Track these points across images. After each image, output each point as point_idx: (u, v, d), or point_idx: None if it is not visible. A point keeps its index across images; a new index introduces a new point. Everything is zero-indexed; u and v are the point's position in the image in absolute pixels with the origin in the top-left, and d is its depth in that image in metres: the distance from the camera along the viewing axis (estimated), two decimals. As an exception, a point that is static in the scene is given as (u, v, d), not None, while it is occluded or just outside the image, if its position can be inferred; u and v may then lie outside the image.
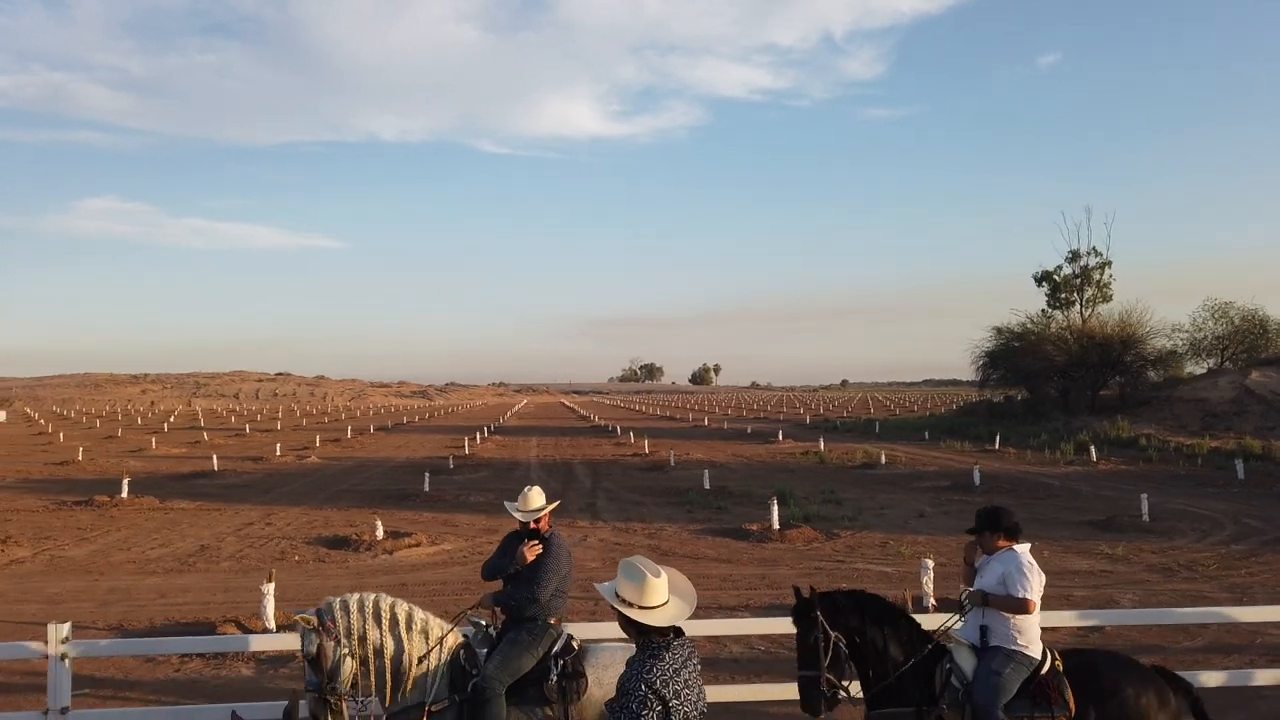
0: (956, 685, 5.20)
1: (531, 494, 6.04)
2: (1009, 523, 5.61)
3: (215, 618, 11.19)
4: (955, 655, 5.34)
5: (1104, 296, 49.58)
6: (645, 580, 3.59)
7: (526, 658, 5.48)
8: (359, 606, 5.33)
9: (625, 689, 3.49)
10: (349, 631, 5.24)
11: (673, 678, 3.47)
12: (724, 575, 13.88)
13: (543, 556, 5.78)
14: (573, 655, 5.60)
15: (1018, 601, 5.28)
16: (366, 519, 20.07)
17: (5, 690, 8.70)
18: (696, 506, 21.72)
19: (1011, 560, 5.43)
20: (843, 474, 29.60)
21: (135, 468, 34.11)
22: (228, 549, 16.64)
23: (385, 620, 5.33)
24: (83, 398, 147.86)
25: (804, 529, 17.41)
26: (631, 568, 3.67)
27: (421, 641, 5.41)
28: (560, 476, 29.58)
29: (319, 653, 5.16)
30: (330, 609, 5.31)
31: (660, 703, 3.41)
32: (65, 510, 21.94)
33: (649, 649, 3.57)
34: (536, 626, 5.57)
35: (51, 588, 13.48)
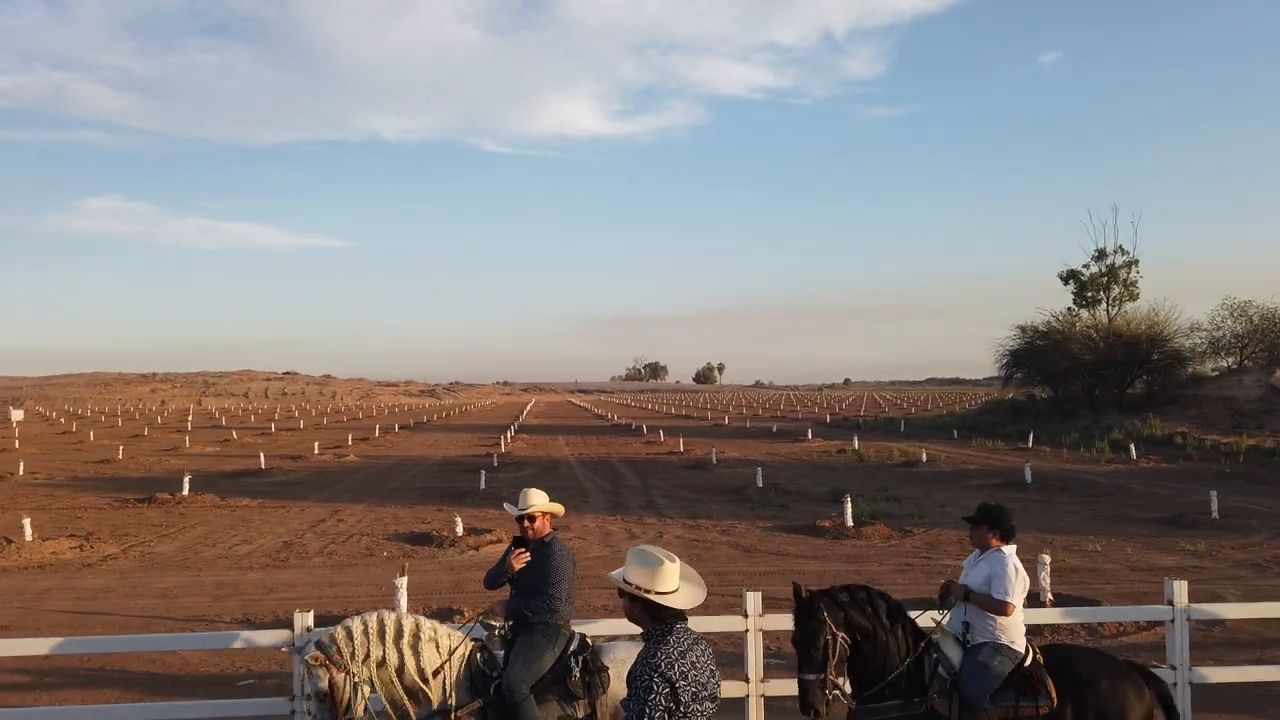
0: (944, 675, 5.27)
1: (531, 493, 5.95)
2: (1007, 524, 5.67)
3: (347, 610, 11.38)
4: (942, 645, 5.40)
5: (1130, 295, 49.73)
6: (660, 566, 3.64)
7: (547, 657, 5.51)
8: (363, 629, 5.19)
9: (633, 676, 3.56)
10: (354, 656, 5.09)
11: (678, 660, 3.51)
12: (817, 571, 14.04)
13: (548, 563, 5.70)
14: (590, 651, 5.66)
15: (998, 603, 5.37)
16: (434, 515, 20.31)
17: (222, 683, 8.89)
18: (757, 504, 21.90)
19: (999, 562, 5.50)
20: (886, 472, 29.76)
21: (177, 466, 34.30)
22: (312, 545, 16.83)
23: (390, 635, 5.21)
24: (93, 397, 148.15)
25: (877, 526, 17.58)
26: (644, 554, 3.72)
27: (433, 651, 5.32)
28: (605, 475, 29.76)
29: (330, 687, 4.99)
30: (334, 639, 5.14)
31: (667, 684, 3.46)
32: (131, 508, 22.14)
33: (654, 637, 3.63)
34: (549, 628, 5.59)
35: (157, 583, 13.68)
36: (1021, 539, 16.31)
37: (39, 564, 15.19)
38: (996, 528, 5.64)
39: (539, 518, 5.83)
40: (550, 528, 5.92)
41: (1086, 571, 13.71)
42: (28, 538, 16.42)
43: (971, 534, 5.76)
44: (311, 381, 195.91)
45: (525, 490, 5.99)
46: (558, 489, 25.36)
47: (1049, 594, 11.07)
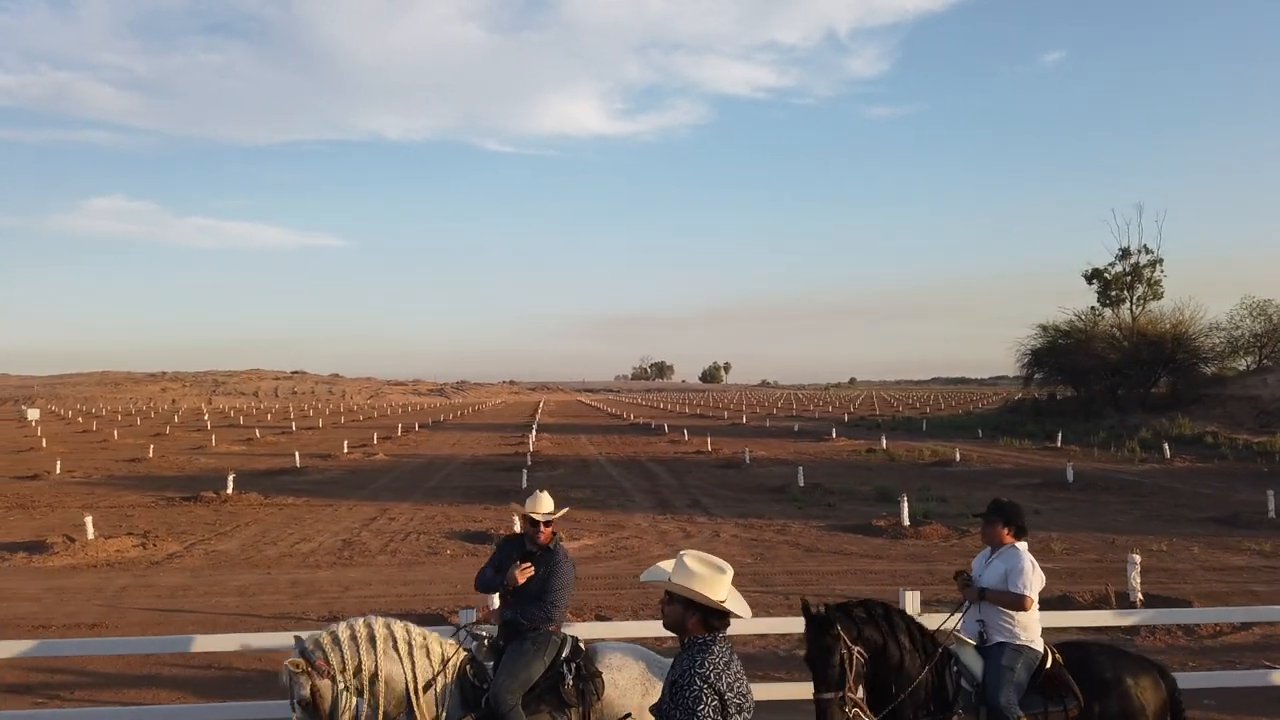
0: (968, 688, 5.14)
1: (542, 498, 5.78)
2: (1020, 520, 5.61)
3: (432, 609, 11.43)
4: (961, 656, 5.27)
5: (1155, 294, 49.71)
6: (723, 575, 3.61)
7: (535, 665, 5.37)
8: (350, 635, 4.98)
9: (679, 685, 3.47)
10: (343, 665, 4.88)
11: (724, 670, 3.49)
12: (887, 570, 14.07)
13: (554, 572, 5.57)
14: (583, 657, 5.51)
15: (1016, 597, 5.28)
16: (484, 514, 20.34)
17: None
18: (804, 504, 21.91)
19: (1014, 558, 5.44)
20: (921, 471, 29.74)
21: (209, 465, 34.41)
22: (372, 544, 16.87)
23: (381, 643, 5.00)
24: (104, 396, 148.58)
25: (934, 525, 17.59)
26: (704, 560, 3.68)
27: (424, 660, 5.14)
28: (640, 474, 29.78)
29: (314, 695, 4.81)
30: (319, 644, 4.93)
31: (716, 695, 3.42)
32: (178, 506, 22.19)
33: (694, 646, 3.57)
34: (539, 635, 5.45)
35: (231, 581, 13.72)
36: (1083, 539, 16.53)
37: (106, 562, 15.25)
38: (1011, 524, 5.57)
39: (543, 524, 5.69)
40: (553, 533, 5.78)
41: (1160, 571, 13.68)
42: (90, 536, 16.47)
43: (984, 530, 5.68)
44: (320, 381, 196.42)
45: (536, 494, 5.80)
46: (595, 488, 25.43)
47: (1139, 594, 11.05)
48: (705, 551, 3.73)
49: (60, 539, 16.51)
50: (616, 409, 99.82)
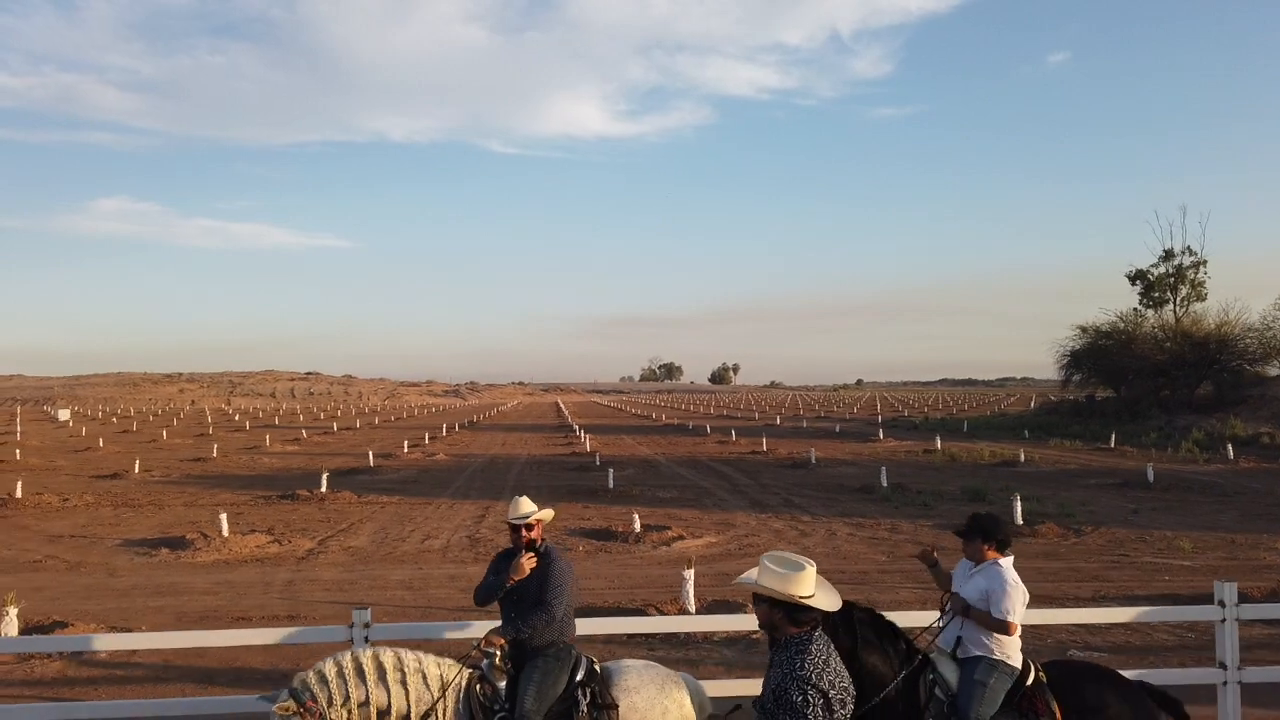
0: (941, 697, 5.02)
1: (521, 501, 5.67)
2: (1002, 534, 5.39)
3: (605, 600, 11.72)
4: (938, 665, 5.15)
5: (1198, 295, 49.87)
6: (801, 571, 3.66)
7: (561, 680, 5.20)
8: (336, 671, 4.83)
9: (782, 689, 3.50)
10: (332, 701, 4.75)
11: (824, 669, 3.53)
12: (1033, 569, 14.29)
13: (548, 574, 5.37)
14: (598, 681, 5.32)
15: (998, 622, 5.14)
16: (593, 512, 20.62)
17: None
18: (898, 503, 22.14)
19: (996, 577, 5.24)
20: (989, 471, 29.93)
21: (274, 464, 34.79)
22: (500, 540, 17.15)
23: (371, 673, 4.86)
24: (123, 396, 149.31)
25: (1048, 525, 17.81)
26: (781, 559, 3.74)
27: (420, 684, 4.95)
28: (710, 474, 30.03)
29: None
30: (306, 685, 4.79)
31: (820, 695, 3.46)
32: (278, 504, 22.52)
33: (790, 646, 3.60)
34: (559, 649, 5.26)
35: (389, 575, 14.03)
36: (1203, 539, 16.75)
37: (252, 557, 15.57)
38: (991, 539, 5.35)
39: (535, 526, 5.56)
40: (542, 537, 5.61)
41: (1299, 568, 13.93)
42: (224, 532, 16.79)
43: (965, 547, 5.46)
44: (335, 382, 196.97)
45: (516, 499, 5.70)
46: (678, 488, 25.69)
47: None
48: (829, 551, 3.96)
49: (196, 535, 16.84)
50: (638, 410, 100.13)
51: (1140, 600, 11.91)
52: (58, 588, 13.24)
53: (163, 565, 15.03)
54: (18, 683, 8.87)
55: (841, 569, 13.97)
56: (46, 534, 18.27)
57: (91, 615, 11.42)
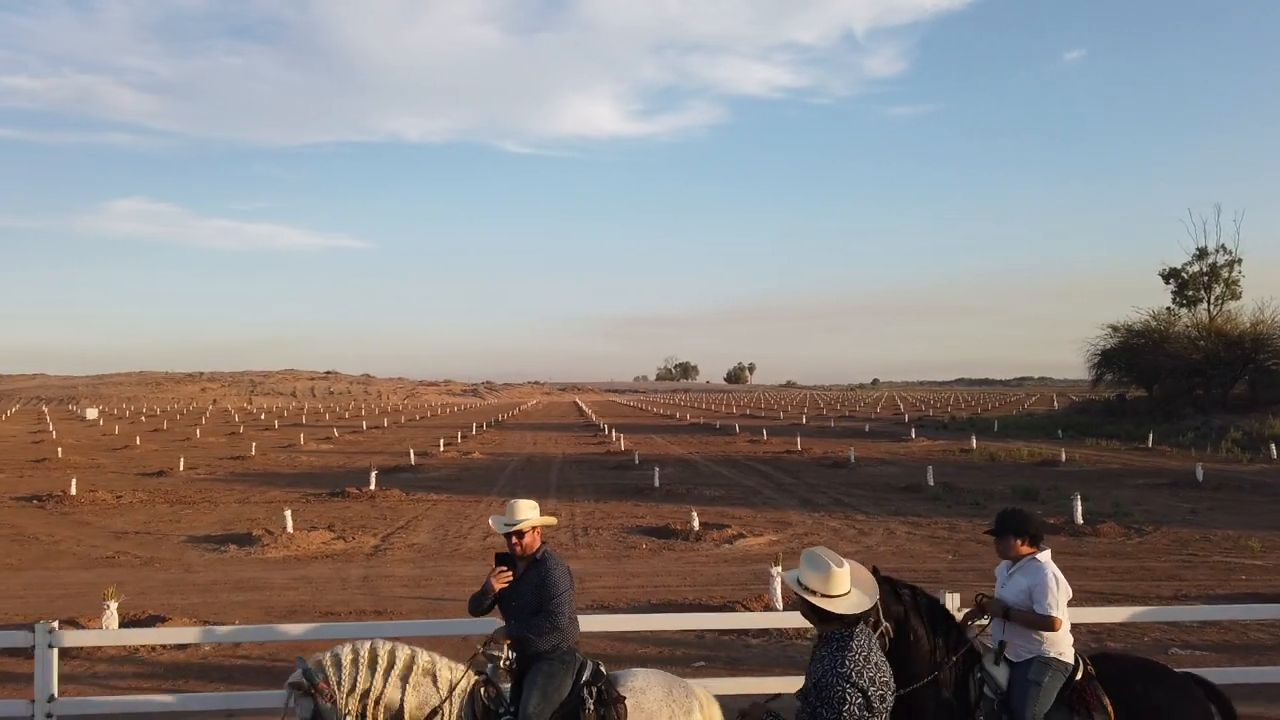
0: (990, 696, 4.95)
1: (518, 505, 5.39)
2: (1033, 529, 5.28)
3: (699, 598, 11.77)
4: (985, 662, 5.08)
5: (1233, 294, 49.53)
6: (830, 570, 3.69)
7: (565, 684, 5.12)
8: (353, 658, 4.87)
9: (824, 684, 3.54)
10: (343, 687, 4.78)
11: (865, 665, 3.56)
12: (1109, 568, 14.26)
13: (546, 580, 5.21)
14: (604, 681, 5.22)
15: (1043, 619, 5.04)
16: (644, 511, 20.67)
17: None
18: (949, 502, 22.09)
19: (1037, 572, 5.15)
20: (1031, 471, 29.77)
21: (313, 463, 35.03)
22: (559, 537, 17.24)
23: (382, 666, 4.88)
24: (147, 396, 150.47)
25: (1108, 524, 17.74)
26: (816, 558, 3.76)
27: (429, 685, 4.97)
28: (751, 474, 30.04)
29: (314, 716, 4.74)
30: (321, 665, 4.84)
31: (859, 693, 3.50)
32: (328, 501, 22.68)
33: (833, 640, 3.65)
34: (563, 653, 5.16)
35: (460, 571, 14.13)
36: (1270, 538, 16.59)
37: (322, 554, 15.72)
38: (1023, 534, 5.26)
39: (528, 533, 5.31)
40: (540, 542, 5.40)
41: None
42: (289, 529, 16.94)
43: (997, 546, 5.41)
44: (354, 381, 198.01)
45: (512, 502, 5.44)
46: (725, 487, 25.73)
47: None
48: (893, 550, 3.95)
49: (261, 532, 16.99)
50: (659, 409, 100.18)
51: (1221, 599, 11.87)
52: (138, 582, 13.39)
53: (235, 561, 15.18)
54: (129, 675, 9.00)
55: (912, 568, 13.96)
56: (110, 530, 18.48)
57: (180, 609, 11.55)
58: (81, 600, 12.11)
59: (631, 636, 9.67)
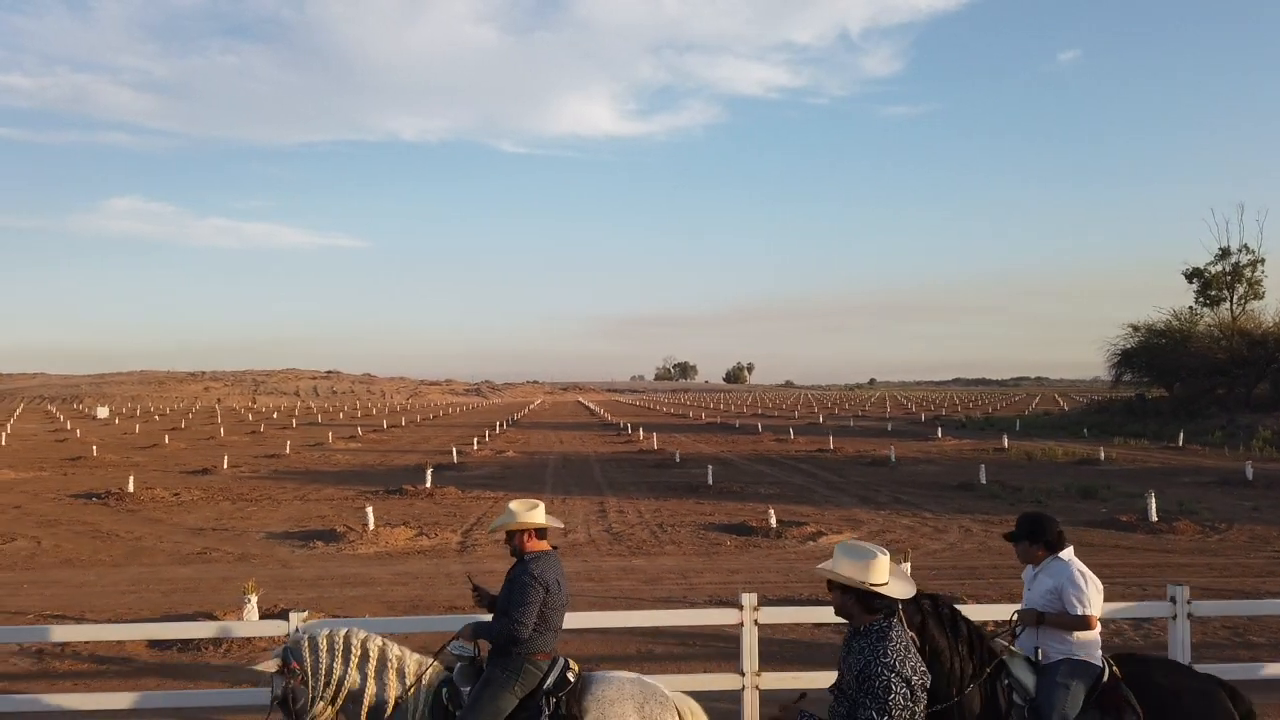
0: (1020, 703, 4.87)
1: (510, 506, 5.39)
2: (1051, 534, 5.22)
3: (814, 595, 11.81)
4: (1012, 668, 4.97)
5: (1255, 293, 49.80)
6: (875, 558, 3.72)
7: (506, 698, 4.96)
8: (328, 644, 4.95)
9: (866, 674, 3.55)
10: (316, 670, 4.88)
11: (907, 656, 3.58)
12: (1199, 564, 14.34)
13: (513, 585, 5.12)
14: (568, 690, 5.02)
15: (1077, 619, 4.99)
16: (702, 508, 20.72)
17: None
18: (1011, 500, 22.16)
19: (1063, 572, 5.10)
20: (1074, 470, 29.87)
21: (349, 461, 35.02)
22: (638, 534, 17.34)
23: (355, 657, 4.95)
24: (150, 395, 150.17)
25: (1183, 522, 17.82)
26: (856, 548, 3.81)
27: (397, 681, 5.01)
28: (794, 472, 30.10)
29: (286, 695, 4.85)
30: (297, 647, 4.96)
31: (904, 683, 3.51)
32: (387, 499, 22.68)
33: (871, 632, 3.66)
34: (513, 661, 5.00)
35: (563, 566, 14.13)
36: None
37: (413, 549, 15.74)
38: (1039, 540, 5.23)
39: (516, 535, 5.27)
40: (535, 546, 5.29)
41: None
42: (370, 525, 16.97)
43: (1017, 550, 5.38)
44: (356, 380, 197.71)
45: (507, 506, 5.40)
46: (774, 484, 25.78)
47: None
48: (978, 548, 3.96)
49: (344, 529, 17.02)
50: (667, 408, 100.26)
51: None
52: (242, 577, 13.36)
53: (328, 557, 15.20)
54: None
55: (1000, 564, 14.01)
56: (184, 527, 18.49)
57: (308, 603, 11.54)
58: (199, 595, 12.17)
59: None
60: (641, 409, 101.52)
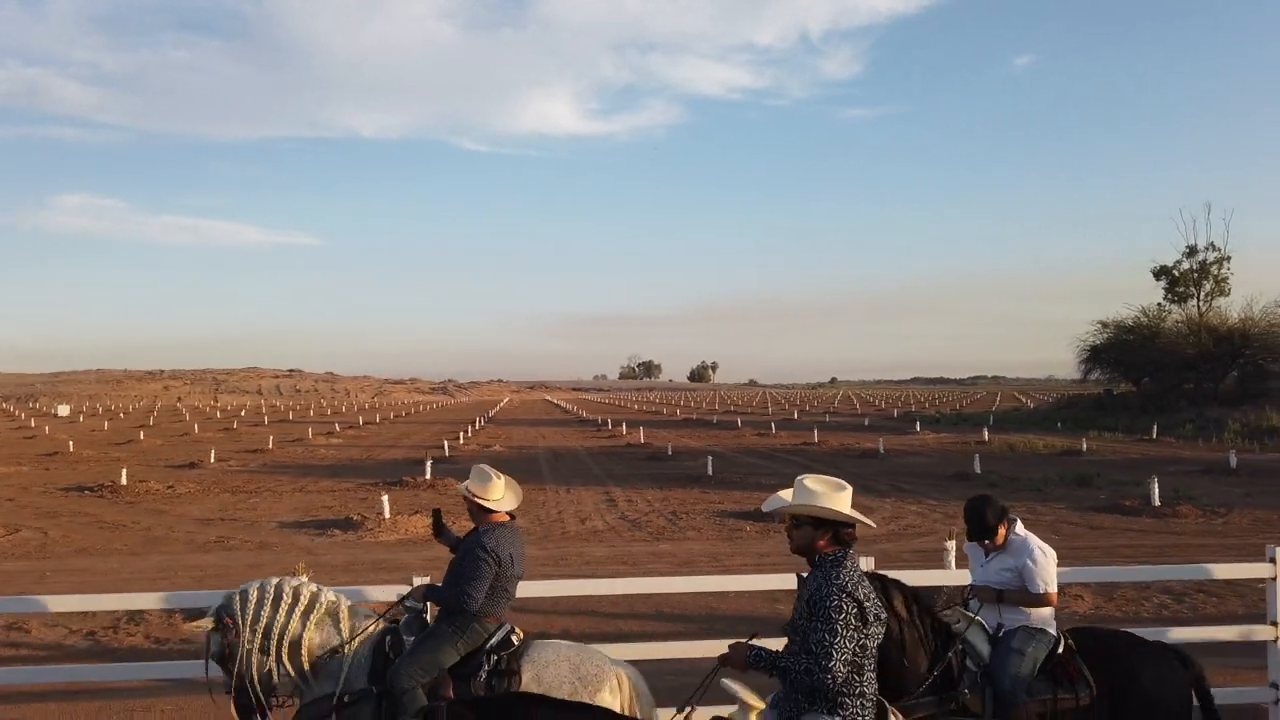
0: (973, 668, 4.85)
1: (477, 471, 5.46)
2: (1000, 515, 5.14)
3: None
4: (968, 636, 4.95)
5: (1221, 290, 51.12)
6: (845, 490, 3.77)
7: (446, 651, 5.00)
8: (259, 594, 4.93)
9: (817, 598, 3.59)
10: (246, 620, 4.86)
11: (860, 582, 3.63)
12: (1214, 545, 14.72)
13: (463, 556, 5.16)
14: (510, 651, 5.10)
15: (1038, 597, 4.98)
16: (709, 498, 20.82)
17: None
18: (1010, 489, 22.49)
19: (1023, 549, 5.06)
20: (1059, 461, 30.42)
21: (335, 456, 34.65)
22: (655, 523, 17.40)
23: (286, 603, 4.92)
24: (108, 394, 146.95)
25: (1186, 507, 18.25)
26: (825, 480, 3.82)
27: (331, 626, 4.99)
28: (788, 464, 30.33)
29: (224, 651, 4.86)
30: (230, 602, 4.94)
31: (855, 604, 3.55)
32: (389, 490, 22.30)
33: (825, 563, 3.69)
34: (461, 619, 5.07)
35: (591, 552, 14.14)
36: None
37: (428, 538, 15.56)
38: (1004, 519, 5.16)
39: (472, 503, 5.33)
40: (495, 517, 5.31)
41: None
42: (387, 514, 16.82)
43: (980, 541, 5.23)
44: (319, 379, 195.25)
45: (481, 469, 5.48)
46: (773, 475, 25.90)
47: None
48: None
49: (360, 517, 16.86)
50: (638, 406, 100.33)
51: None
52: (270, 564, 13.21)
53: (351, 544, 15.06)
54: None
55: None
56: (191, 518, 18.19)
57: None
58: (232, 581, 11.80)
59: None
60: (613, 406, 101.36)
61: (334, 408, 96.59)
